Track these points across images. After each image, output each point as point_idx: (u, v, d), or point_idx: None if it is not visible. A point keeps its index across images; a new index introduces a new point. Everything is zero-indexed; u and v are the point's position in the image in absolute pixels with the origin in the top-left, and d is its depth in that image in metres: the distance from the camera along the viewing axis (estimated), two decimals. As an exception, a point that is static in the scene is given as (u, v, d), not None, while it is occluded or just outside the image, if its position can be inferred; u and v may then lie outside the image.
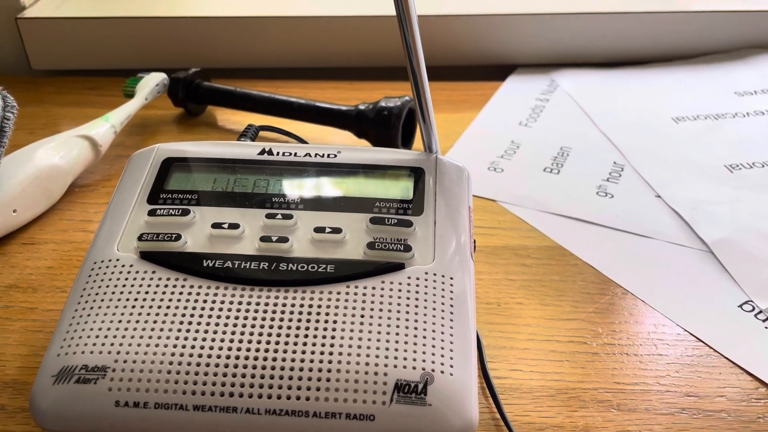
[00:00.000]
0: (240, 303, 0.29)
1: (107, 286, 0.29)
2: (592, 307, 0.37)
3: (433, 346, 0.28)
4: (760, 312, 0.36)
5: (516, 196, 0.45)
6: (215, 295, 0.29)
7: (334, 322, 0.28)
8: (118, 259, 0.30)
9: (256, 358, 0.27)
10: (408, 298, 0.29)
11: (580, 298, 0.37)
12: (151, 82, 0.52)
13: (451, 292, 0.30)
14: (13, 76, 0.61)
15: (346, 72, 0.60)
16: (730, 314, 0.36)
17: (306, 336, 0.28)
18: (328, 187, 0.34)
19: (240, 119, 0.54)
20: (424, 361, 0.27)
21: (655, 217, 0.43)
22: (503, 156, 0.50)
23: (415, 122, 0.49)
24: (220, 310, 0.28)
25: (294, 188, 0.34)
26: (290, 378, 0.26)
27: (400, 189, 0.34)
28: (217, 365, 0.27)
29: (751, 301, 0.37)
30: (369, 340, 0.27)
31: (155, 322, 0.28)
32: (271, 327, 0.28)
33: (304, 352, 0.27)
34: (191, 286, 0.29)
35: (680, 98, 0.56)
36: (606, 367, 0.33)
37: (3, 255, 0.40)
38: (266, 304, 0.29)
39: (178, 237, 0.31)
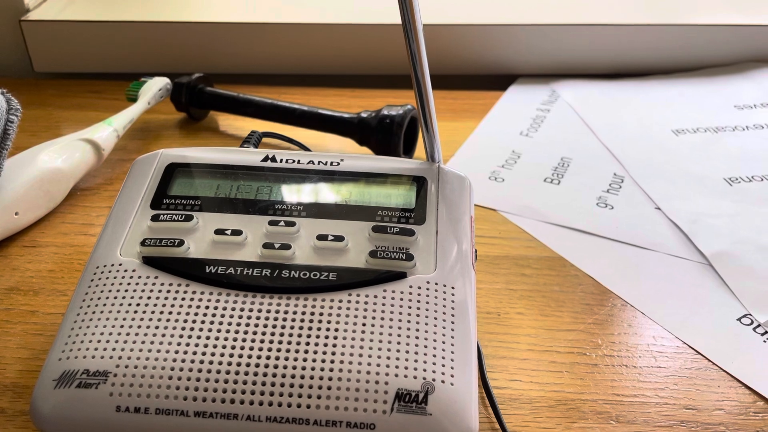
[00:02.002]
0: (242, 310, 0.29)
1: (109, 291, 0.30)
2: (592, 318, 0.37)
3: (434, 356, 0.28)
4: (759, 326, 0.36)
5: (516, 206, 0.45)
6: (217, 301, 0.29)
7: (336, 330, 0.28)
8: (120, 264, 0.30)
9: (257, 365, 0.27)
10: (409, 307, 0.29)
11: (580, 309, 0.37)
12: (154, 86, 0.52)
13: (453, 301, 0.30)
14: (15, 78, 0.61)
15: (348, 79, 0.60)
16: (729, 327, 0.36)
17: (307, 344, 0.28)
18: (331, 194, 0.34)
19: (242, 125, 0.54)
20: (425, 370, 0.27)
21: (655, 229, 0.43)
22: (504, 165, 0.50)
23: (417, 130, 0.49)
24: (222, 316, 0.28)
25: (297, 195, 0.34)
26: (291, 385, 0.27)
27: (403, 198, 0.34)
28: (218, 371, 0.27)
29: (750, 314, 0.37)
30: (370, 348, 0.28)
31: (157, 327, 0.28)
32: (272, 334, 0.28)
33: (305, 360, 0.27)
34: (193, 292, 0.29)
35: (680, 111, 0.56)
36: (605, 379, 0.33)
37: (4, 257, 0.40)
38: (268, 311, 0.29)
39: (181, 243, 0.31)
